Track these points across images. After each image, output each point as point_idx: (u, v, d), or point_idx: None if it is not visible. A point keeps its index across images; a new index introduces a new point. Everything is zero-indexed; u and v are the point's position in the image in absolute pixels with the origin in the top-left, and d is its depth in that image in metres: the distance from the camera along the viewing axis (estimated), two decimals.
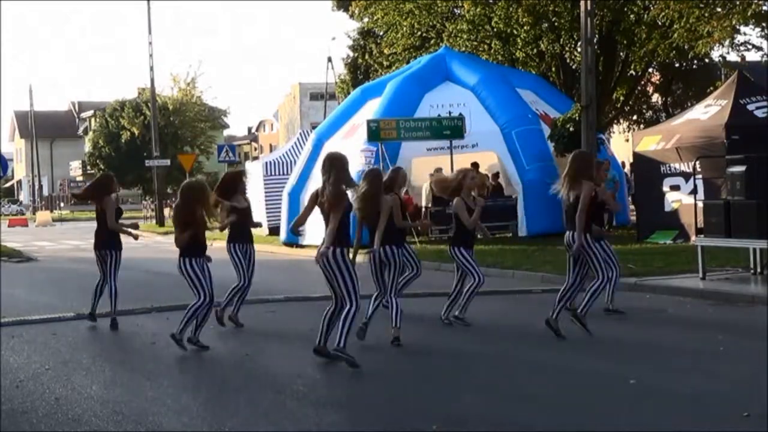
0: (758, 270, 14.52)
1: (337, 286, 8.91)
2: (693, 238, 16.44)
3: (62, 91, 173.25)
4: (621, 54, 28.70)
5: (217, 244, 13.58)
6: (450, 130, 22.87)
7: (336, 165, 8.92)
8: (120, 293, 12.22)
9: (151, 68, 43.53)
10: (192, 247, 10.17)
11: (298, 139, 34.64)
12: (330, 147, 25.14)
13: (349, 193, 9.06)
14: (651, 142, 20.33)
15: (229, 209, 11.52)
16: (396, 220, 10.22)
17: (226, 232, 11.78)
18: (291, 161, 30.64)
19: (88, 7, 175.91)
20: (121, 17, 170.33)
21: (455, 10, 29.57)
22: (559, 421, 7.16)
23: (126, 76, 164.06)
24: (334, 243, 8.69)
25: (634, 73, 30.16)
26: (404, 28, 30.02)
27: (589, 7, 19.61)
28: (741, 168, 14.57)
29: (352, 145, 23.97)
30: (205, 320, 10.34)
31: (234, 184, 11.89)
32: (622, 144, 34.49)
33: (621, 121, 33.99)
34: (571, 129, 21.63)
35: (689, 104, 28.52)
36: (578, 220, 9.94)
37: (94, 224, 12.63)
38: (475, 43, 29.18)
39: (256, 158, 62.44)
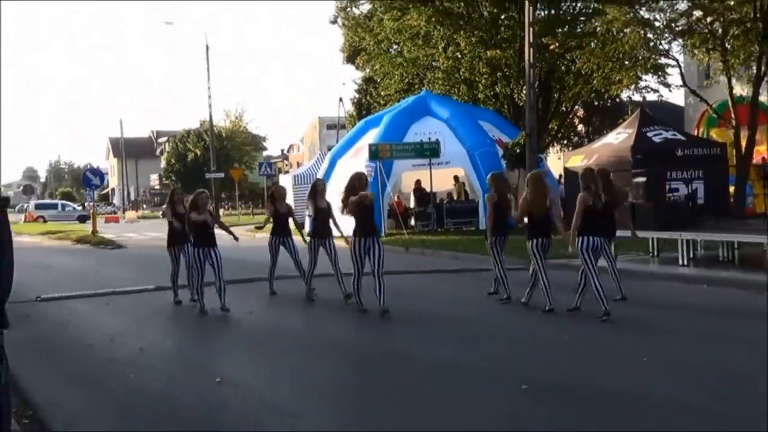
0: (655, 254, 14.59)
1: None
2: None
3: (145, 122, 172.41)
4: (555, 95, 28.68)
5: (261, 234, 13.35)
6: (429, 151, 22.91)
7: None
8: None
9: (210, 105, 43.50)
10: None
11: (318, 158, 34.61)
12: (341, 164, 25.16)
13: None
14: (576, 160, 20.31)
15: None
16: None
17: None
18: (313, 174, 30.53)
19: (161, 60, 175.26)
20: (187, 68, 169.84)
21: (433, 63, 29.55)
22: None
23: (191, 111, 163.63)
24: None
25: (564, 109, 30.08)
26: (396, 76, 30.09)
27: (531, 61, 19.68)
28: (642, 179, 14.74)
29: (358, 163, 23.93)
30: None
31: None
32: (556, 162, 34.38)
33: (555, 144, 33.95)
34: (518, 151, 21.63)
35: (605, 132, 28.47)
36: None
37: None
38: (448, 87, 29.09)
39: (287, 172, 62.24)
